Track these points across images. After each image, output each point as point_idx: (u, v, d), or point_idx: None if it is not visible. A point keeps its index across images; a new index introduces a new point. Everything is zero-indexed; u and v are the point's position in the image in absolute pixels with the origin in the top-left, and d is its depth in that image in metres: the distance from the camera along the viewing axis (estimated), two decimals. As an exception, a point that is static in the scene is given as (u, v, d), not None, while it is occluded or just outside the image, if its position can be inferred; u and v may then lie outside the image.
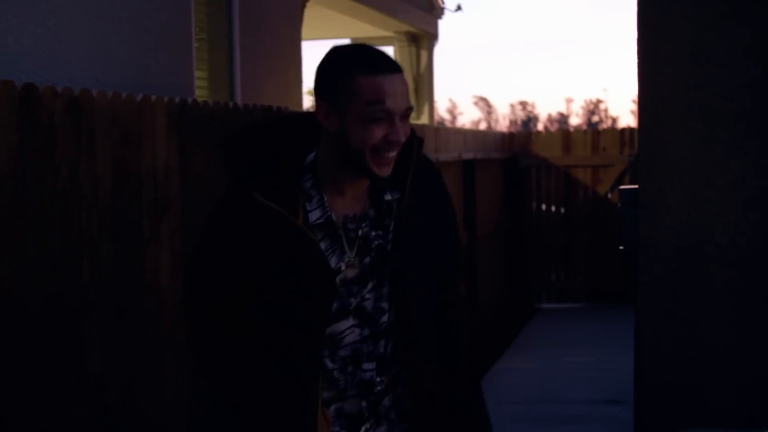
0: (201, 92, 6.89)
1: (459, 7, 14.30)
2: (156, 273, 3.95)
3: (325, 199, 2.28)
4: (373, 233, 2.32)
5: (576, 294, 11.78)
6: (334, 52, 2.26)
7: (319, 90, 2.25)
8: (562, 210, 11.80)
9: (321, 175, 2.29)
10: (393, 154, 2.23)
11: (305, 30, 9.25)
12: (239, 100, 7.17)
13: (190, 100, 4.27)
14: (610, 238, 10.70)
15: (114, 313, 3.68)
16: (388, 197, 2.34)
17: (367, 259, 2.31)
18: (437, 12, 14.08)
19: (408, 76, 13.31)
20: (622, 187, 6.32)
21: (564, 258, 11.74)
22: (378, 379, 2.34)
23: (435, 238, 2.42)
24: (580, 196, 11.68)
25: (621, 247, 4.76)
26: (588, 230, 11.55)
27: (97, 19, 5.37)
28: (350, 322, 2.31)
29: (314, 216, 2.27)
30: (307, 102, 10.95)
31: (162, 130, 4.01)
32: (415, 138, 2.34)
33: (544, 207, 11.89)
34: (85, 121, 3.53)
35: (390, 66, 2.21)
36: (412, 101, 12.94)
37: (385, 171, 2.23)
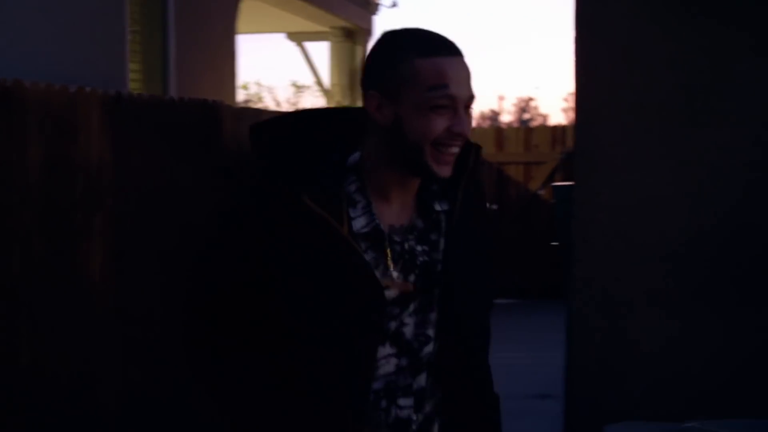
0: (134, 85, 6.81)
1: (394, 3, 14.31)
2: (88, 268, 3.90)
3: (373, 205, 1.97)
4: (419, 248, 2.01)
5: (507, 289, 11.87)
6: (387, 35, 1.98)
7: (370, 78, 1.96)
8: (495, 206, 11.89)
9: (366, 178, 1.98)
10: (456, 150, 1.94)
11: (240, 24, 9.19)
12: (173, 93, 7.10)
13: (125, 92, 4.23)
14: (542, 234, 10.80)
15: (46, 307, 3.62)
16: (437, 208, 2.04)
17: (411, 278, 1.99)
18: (372, 8, 14.07)
19: (343, 72, 13.28)
20: (555, 183, 6.39)
21: (495, 254, 11.81)
22: (414, 417, 2.02)
23: (480, 258, 2.14)
24: (512, 192, 11.77)
25: (554, 243, 4.81)
26: (519, 226, 11.65)
27: (27, 9, 5.29)
28: (387, 350, 1.97)
29: (359, 224, 1.96)
30: (241, 95, 10.90)
31: (96, 122, 3.95)
32: (472, 144, 2.04)
33: (477, 203, 11.95)
34: (17, 112, 3.47)
35: (452, 48, 1.93)
36: (350, 99, 12.95)
37: (446, 171, 1.94)
